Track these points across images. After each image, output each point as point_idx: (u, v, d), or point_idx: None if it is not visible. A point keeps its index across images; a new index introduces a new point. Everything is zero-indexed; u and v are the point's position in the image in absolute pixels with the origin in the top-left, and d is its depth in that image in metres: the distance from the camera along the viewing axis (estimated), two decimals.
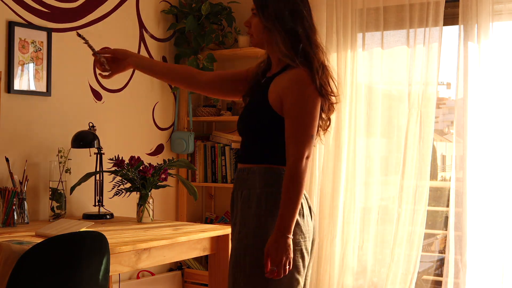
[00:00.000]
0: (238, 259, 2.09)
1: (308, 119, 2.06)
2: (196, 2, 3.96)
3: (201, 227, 3.04)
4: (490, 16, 3.26)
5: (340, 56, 3.67)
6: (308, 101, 2.06)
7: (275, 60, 2.19)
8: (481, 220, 3.29)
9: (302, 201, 2.08)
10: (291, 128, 2.05)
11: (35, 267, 1.89)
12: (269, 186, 2.09)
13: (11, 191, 2.89)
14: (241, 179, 2.17)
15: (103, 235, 2.14)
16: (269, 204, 2.08)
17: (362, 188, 3.65)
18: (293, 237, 2.03)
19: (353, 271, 3.65)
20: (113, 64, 2.40)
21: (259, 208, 2.08)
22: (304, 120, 2.05)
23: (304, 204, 2.12)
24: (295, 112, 2.05)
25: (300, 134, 2.04)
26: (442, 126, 4.88)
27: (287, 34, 2.09)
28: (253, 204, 2.09)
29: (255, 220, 2.08)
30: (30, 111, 3.18)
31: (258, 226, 2.07)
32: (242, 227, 2.10)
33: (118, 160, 3.15)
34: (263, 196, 2.09)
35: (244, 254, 2.08)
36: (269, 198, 2.09)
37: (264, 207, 2.08)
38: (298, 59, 2.08)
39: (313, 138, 2.09)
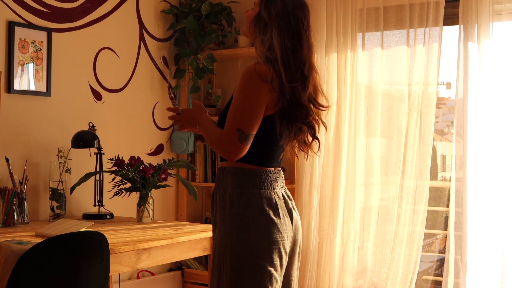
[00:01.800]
0: (221, 257, 2.11)
1: (241, 110, 2.08)
2: (196, 2, 3.96)
3: (201, 227, 3.04)
4: (490, 16, 3.26)
5: (340, 56, 3.67)
6: (247, 94, 2.08)
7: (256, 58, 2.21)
8: (481, 220, 3.29)
9: (278, 202, 2.12)
10: (228, 116, 2.11)
11: (35, 267, 1.89)
12: (240, 187, 2.11)
13: (11, 191, 2.89)
14: (218, 179, 2.20)
15: (103, 235, 2.14)
16: (241, 204, 2.10)
17: (362, 188, 3.65)
18: (270, 235, 2.07)
19: (353, 271, 3.65)
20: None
21: (232, 208, 2.10)
22: (236, 113, 2.08)
23: (280, 205, 2.13)
24: (234, 103, 2.10)
25: (229, 123, 2.08)
26: (442, 126, 4.88)
27: (264, 37, 2.15)
28: (227, 204, 2.11)
29: (231, 220, 2.10)
30: (30, 111, 3.18)
31: (235, 225, 2.09)
32: (222, 226, 2.13)
33: (118, 160, 3.15)
34: (235, 196, 2.11)
35: (225, 252, 2.10)
36: (241, 197, 2.10)
37: (236, 206, 2.09)
38: (264, 57, 2.12)
39: (241, 132, 2.05)
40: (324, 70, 3.72)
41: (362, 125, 3.63)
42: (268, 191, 2.12)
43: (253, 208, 2.08)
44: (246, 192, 2.10)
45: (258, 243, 2.07)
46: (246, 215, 2.08)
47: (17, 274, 1.87)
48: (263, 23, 2.16)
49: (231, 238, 2.09)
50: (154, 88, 3.93)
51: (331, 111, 3.67)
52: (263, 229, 2.07)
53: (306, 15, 2.19)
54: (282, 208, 2.14)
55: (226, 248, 2.10)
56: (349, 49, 3.65)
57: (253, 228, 2.07)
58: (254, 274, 2.06)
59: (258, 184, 2.12)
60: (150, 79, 3.89)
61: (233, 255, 2.08)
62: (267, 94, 2.08)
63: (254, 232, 2.07)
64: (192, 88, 3.93)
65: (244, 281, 2.07)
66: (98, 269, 2.11)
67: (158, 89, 3.96)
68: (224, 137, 2.07)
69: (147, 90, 3.87)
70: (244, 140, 2.05)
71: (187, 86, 4.04)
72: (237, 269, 2.07)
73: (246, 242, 2.07)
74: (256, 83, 2.07)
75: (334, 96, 3.68)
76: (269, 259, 2.07)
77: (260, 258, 2.06)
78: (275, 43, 2.12)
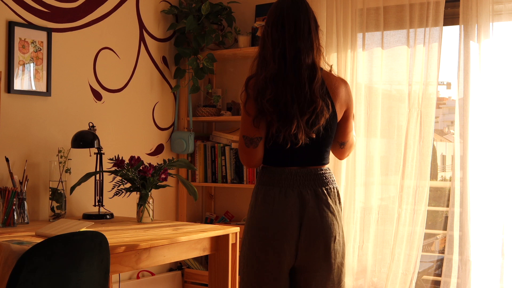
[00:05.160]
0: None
1: (241, 120, 2.37)
2: (196, 2, 3.96)
3: (201, 227, 3.04)
4: (490, 16, 3.26)
5: (340, 56, 3.67)
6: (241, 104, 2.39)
7: None
8: (481, 220, 3.29)
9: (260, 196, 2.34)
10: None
11: (35, 267, 1.89)
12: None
13: (11, 191, 2.89)
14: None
15: (103, 235, 2.14)
16: (253, 197, 2.37)
17: (362, 188, 3.65)
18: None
19: (353, 271, 3.65)
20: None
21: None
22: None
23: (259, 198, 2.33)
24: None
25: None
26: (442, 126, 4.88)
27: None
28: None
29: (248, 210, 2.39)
30: (30, 111, 3.18)
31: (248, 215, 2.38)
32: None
33: (118, 160, 3.15)
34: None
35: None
36: (253, 191, 2.38)
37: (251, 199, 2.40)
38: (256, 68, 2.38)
39: (246, 138, 2.33)
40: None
41: (362, 125, 3.63)
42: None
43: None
44: (256, 186, 2.40)
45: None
46: (252, 207, 2.36)
47: (17, 274, 1.87)
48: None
49: (245, 225, 2.38)
50: (154, 88, 3.93)
51: None
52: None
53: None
54: (259, 199, 2.36)
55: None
56: (349, 49, 3.65)
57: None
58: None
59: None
60: (150, 79, 3.89)
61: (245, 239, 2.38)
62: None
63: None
64: (192, 88, 3.93)
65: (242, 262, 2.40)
66: (98, 269, 2.11)
67: (158, 89, 3.96)
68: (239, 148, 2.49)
69: (147, 90, 3.87)
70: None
71: (187, 86, 4.04)
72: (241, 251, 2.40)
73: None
74: (242, 100, 2.40)
75: None
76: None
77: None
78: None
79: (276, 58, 2.29)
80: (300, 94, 2.26)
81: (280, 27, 2.30)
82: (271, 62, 2.30)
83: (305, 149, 2.30)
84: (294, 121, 2.25)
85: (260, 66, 2.34)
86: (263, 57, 2.34)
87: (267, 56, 2.31)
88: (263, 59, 2.33)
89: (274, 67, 2.28)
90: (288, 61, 2.28)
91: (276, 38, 2.30)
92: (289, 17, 2.30)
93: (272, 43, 2.31)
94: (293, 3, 2.33)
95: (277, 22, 2.32)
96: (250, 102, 2.31)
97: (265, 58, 2.33)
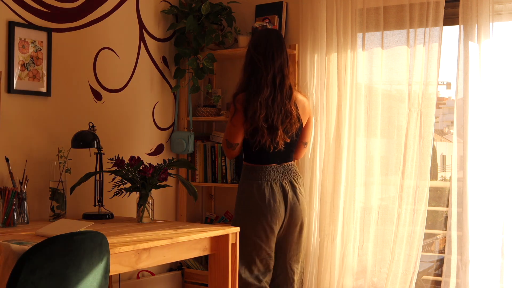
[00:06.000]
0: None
1: (227, 126, 3.22)
2: (196, 2, 3.96)
3: (201, 227, 3.04)
4: (490, 16, 3.26)
5: (340, 56, 3.67)
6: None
7: None
8: (481, 220, 3.28)
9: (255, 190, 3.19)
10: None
11: (35, 267, 1.89)
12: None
13: (11, 191, 2.89)
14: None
15: (103, 235, 2.14)
16: (243, 189, 3.25)
17: (362, 188, 3.65)
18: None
19: (353, 271, 3.65)
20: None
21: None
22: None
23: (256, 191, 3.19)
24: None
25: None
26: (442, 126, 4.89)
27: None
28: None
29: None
30: (30, 111, 3.18)
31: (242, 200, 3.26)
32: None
33: (118, 160, 3.15)
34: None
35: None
36: (243, 185, 3.26)
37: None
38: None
39: (227, 142, 3.21)
40: (324, 70, 3.73)
41: (362, 125, 3.63)
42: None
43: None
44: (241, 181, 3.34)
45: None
46: (238, 200, 3.30)
47: (17, 274, 1.87)
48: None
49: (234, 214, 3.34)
50: (154, 88, 3.93)
51: (331, 111, 3.69)
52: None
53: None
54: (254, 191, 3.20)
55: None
56: (349, 49, 3.65)
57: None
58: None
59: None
60: (150, 79, 3.89)
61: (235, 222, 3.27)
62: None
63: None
64: (192, 88, 3.93)
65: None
66: (98, 269, 2.11)
67: (158, 89, 3.96)
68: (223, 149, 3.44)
69: (147, 90, 3.88)
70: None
71: (187, 86, 4.04)
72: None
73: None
74: (231, 111, 3.22)
75: (334, 96, 3.68)
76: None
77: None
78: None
79: (268, 84, 3.06)
80: (281, 110, 3.08)
81: (270, 57, 3.09)
82: (264, 87, 3.06)
83: (280, 150, 3.15)
84: (278, 132, 3.09)
85: (254, 88, 3.08)
86: (255, 81, 3.08)
87: (260, 81, 3.07)
88: (256, 82, 3.07)
89: (266, 92, 3.06)
90: (278, 86, 3.08)
91: (268, 66, 3.07)
92: (277, 49, 3.11)
93: (265, 69, 3.07)
94: (278, 37, 3.15)
95: (268, 52, 3.09)
96: (237, 115, 3.12)
97: (256, 82, 3.07)
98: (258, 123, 3.05)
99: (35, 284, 1.89)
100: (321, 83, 3.73)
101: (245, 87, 3.13)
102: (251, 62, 3.13)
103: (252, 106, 3.05)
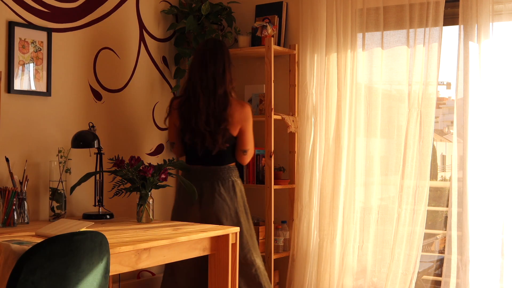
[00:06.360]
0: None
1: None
2: (196, 2, 3.96)
3: (201, 227, 3.04)
4: (490, 16, 3.26)
5: (340, 56, 3.67)
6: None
7: None
8: (481, 220, 3.29)
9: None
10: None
11: (35, 267, 1.90)
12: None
13: (11, 191, 2.89)
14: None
15: (103, 235, 2.14)
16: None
17: (362, 188, 3.65)
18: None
19: (353, 271, 3.65)
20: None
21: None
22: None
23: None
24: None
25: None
26: (442, 126, 4.89)
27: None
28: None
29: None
30: (30, 111, 3.18)
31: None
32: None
33: (118, 160, 3.15)
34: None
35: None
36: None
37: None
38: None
39: (169, 142, 3.55)
40: (324, 70, 3.73)
41: (362, 125, 3.63)
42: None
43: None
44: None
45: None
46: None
47: (17, 274, 1.87)
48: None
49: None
50: (154, 88, 3.93)
51: (331, 111, 3.69)
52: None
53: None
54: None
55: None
56: (349, 49, 3.65)
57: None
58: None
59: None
60: (150, 79, 3.89)
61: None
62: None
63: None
64: None
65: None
66: (98, 269, 2.11)
67: (158, 89, 3.96)
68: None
69: (147, 90, 3.87)
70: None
71: None
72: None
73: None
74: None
75: (334, 96, 3.69)
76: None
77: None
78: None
79: (200, 90, 3.27)
80: (209, 116, 3.26)
81: (204, 65, 3.29)
82: (195, 93, 3.28)
83: (210, 154, 3.32)
84: (206, 136, 3.27)
85: (188, 93, 3.33)
86: (191, 87, 3.32)
87: (193, 87, 3.30)
88: (191, 88, 3.32)
89: (197, 98, 3.27)
90: (210, 93, 3.27)
91: (202, 73, 3.28)
92: (211, 57, 3.30)
93: (199, 76, 3.28)
94: (215, 45, 3.34)
95: (202, 60, 3.30)
96: (170, 117, 3.43)
97: (191, 88, 3.32)
98: (186, 126, 3.31)
99: (35, 284, 1.89)
100: (321, 83, 3.73)
101: (183, 92, 3.40)
102: (190, 69, 3.39)
103: (183, 110, 3.32)
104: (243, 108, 3.39)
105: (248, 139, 3.43)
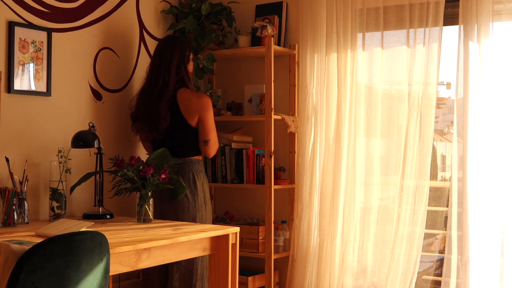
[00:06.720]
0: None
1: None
2: (196, 2, 3.96)
3: (201, 227, 3.04)
4: (490, 16, 3.26)
5: (340, 56, 3.67)
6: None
7: None
8: (481, 220, 3.29)
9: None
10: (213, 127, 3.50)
11: (35, 267, 1.90)
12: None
13: (11, 191, 2.89)
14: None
15: (103, 235, 2.14)
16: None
17: (362, 188, 3.65)
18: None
19: (353, 271, 3.65)
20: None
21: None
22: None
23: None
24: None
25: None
26: (442, 126, 4.89)
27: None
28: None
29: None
30: (30, 111, 3.18)
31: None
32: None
33: (118, 160, 3.14)
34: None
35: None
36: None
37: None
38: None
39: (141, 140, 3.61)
40: (324, 70, 3.73)
41: (362, 125, 3.63)
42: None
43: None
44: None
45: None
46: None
47: (17, 274, 1.87)
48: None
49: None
50: None
51: (331, 111, 3.69)
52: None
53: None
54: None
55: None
56: (349, 49, 3.66)
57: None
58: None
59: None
60: None
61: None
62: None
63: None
64: None
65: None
66: (98, 269, 2.11)
67: None
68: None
69: None
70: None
71: None
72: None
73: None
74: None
75: (334, 96, 3.69)
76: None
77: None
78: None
79: (154, 83, 3.37)
80: (153, 107, 3.32)
81: (157, 59, 3.40)
82: (151, 85, 3.37)
83: (165, 144, 3.34)
84: (152, 126, 3.34)
85: (146, 86, 3.42)
86: (148, 80, 3.42)
87: (150, 80, 3.39)
88: (148, 81, 3.41)
89: (149, 90, 3.38)
90: (160, 86, 3.33)
91: (157, 66, 3.38)
92: (164, 51, 3.39)
93: (156, 70, 3.38)
94: (167, 40, 3.46)
95: (156, 54, 3.43)
96: (137, 135, 3.56)
97: (148, 81, 3.42)
98: (136, 117, 3.43)
99: (35, 284, 1.89)
100: (321, 83, 3.73)
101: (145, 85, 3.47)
102: (150, 64, 3.48)
103: (137, 101, 3.44)
104: (200, 98, 3.39)
105: (208, 129, 3.39)
